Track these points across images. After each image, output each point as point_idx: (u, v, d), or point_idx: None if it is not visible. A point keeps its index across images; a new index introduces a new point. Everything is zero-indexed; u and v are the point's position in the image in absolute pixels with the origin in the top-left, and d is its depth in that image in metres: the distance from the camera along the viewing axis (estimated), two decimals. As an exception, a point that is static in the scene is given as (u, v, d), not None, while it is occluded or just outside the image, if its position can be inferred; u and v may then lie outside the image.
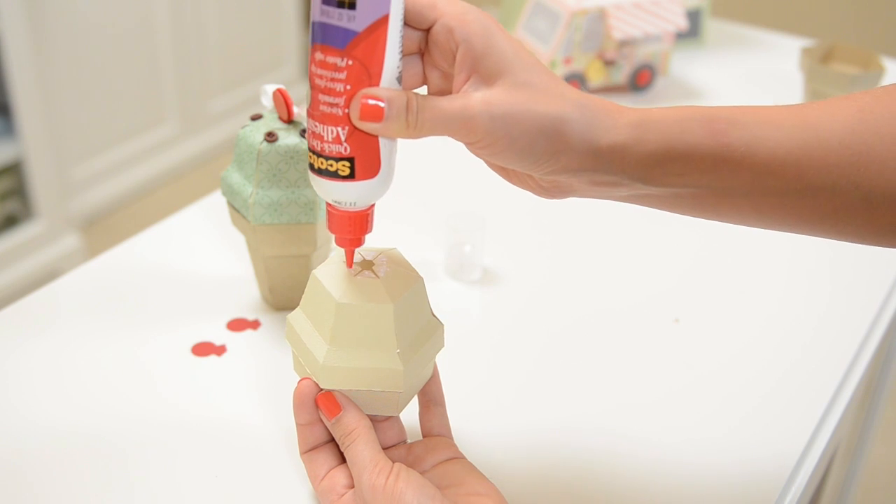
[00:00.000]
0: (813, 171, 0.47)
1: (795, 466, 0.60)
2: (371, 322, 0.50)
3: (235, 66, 2.52)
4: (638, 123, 0.47)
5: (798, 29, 1.86)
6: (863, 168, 0.47)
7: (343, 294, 0.50)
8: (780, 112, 0.49)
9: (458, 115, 0.45)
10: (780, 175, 0.47)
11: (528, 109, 0.45)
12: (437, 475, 0.52)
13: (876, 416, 1.09)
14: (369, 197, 0.49)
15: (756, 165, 0.47)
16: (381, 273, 0.51)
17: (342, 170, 0.48)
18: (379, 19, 0.46)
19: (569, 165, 0.47)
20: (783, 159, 0.47)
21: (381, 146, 0.48)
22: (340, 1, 0.45)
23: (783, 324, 0.73)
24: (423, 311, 0.53)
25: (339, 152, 0.47)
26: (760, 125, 0.48)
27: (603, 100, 0.48)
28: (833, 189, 0.47)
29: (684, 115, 0.48)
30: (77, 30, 2.06)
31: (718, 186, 0.48)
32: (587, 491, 0.57)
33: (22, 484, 0.56)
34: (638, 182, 0.48)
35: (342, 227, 0.50)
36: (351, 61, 0.46)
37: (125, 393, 0.63)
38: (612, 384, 0.66)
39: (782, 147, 0.47)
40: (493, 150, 0.46)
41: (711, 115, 0.48)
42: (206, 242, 0.79)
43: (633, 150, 0.47)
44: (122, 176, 2.29)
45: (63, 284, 0.74)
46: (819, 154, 0.47)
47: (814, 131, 0.47)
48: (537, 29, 1.05)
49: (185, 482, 0.56)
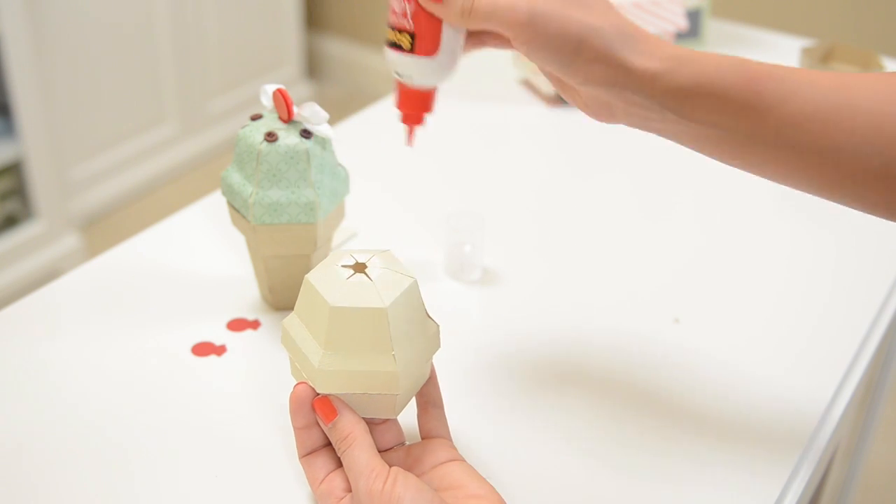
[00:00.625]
0: (838, 131, 0.49)
1: (796, 466, 0.60)
2: (365, 324, 0.50)
3: (235, 66, 2.52)
4: (674, 56, 0.50)
5: (798, 29, 1.86)
6: (887, 136, 0.48)
7: (336, 297, 0.50)
8: (822, 74, 0.50)
9: (505, 8, 0.50)
10: (805, 129, 0.49)
11: (565, 14, 0.50)
12: (436, 477, 0.52)
13: (876, 416, 1.09)
14: (426, 75, 0.55)
15: (784, 116, 0.49)
16: (373, 275, 0.51)
17: (404, 42, 0.54)
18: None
19: (598, 77, 0.51)
20: (811, 115, 0.49)
21: (444, 31, 0.54)
22: None
23: (783, 324, 0.73)
24: (418, 311, 0.53)
25: (403, 26, 0.54)
26: (797, 82, 0.50)
27: (648, 32, 0.51)
28: (855, 152, 0.49)
29: (724, 60, 0.50)
30: (77, 30, 2.06)
31: (745, 131, 0.50)
32: (588, 492, 0.57)
33: (22, 484, 0.56)
34: (668, 112, 0.51)
35: (405, 101, 0.57)
36: None
37: (125, 393, 0.63)
38: (613, 384, 0.66)
39: (811, 103, 0.49)
40: (531, 46, 0.51)
41: (750, 66, 0.50)
42: (206, 242, 0.79)
43: (664, 78, 0.50)
44: (122, 176, 2.29)
45: (63, 284, 0.74)
46: (847, 115, 0.49)
47: (847, 95, 0.49)
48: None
49: (185, 482, 0.56)
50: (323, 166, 0.65)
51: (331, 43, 2.92)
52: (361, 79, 2.89)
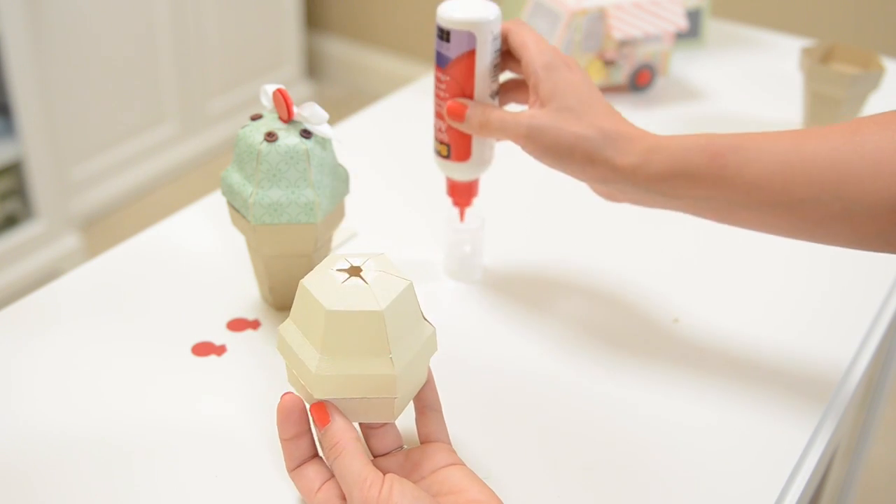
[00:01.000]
0: (797, 185, 0.56)
1: (795, 467, 0.60)
2: (362, 328, 0.49)
3: (235, 66, 2.52)
4: (649, 148, 0.60)
5: (798, 29, 1.86)
6: (843, 183, 0.55)
7: (332, 301, 0.50)
8: (779, 136, 0.58)
9: (512, 124, 0.63)
10: (769, 189, 0.57)
11: (556, 126, 0.62)
12: (436, 482, 0.52)
13: (876, 416, 1.09)
14: (465, 174, 0.70)
15: (749, 182, 0.57)
16: (369, 278, 0.51)
17: (444, 151, 0.69)
18: (467, 52, 0.65)
19: (593, 175, 0.62)
20: (771, 176, 0.57)
21: (473, 141, 0.68)
22: (441, 34, 0.65)
23: (783, 324, 0.73)
24: (414, 314, 0.53)
25: (442, 139, 0.69)
26: (756, 150, 0.57)
27: (630, 128, 0.62)
28: (817, 201, 0.56)
29: (690, 142, 0.59)
30: (77, 30, 2.06)
31: (720, 198, 0.59)
32: (588, 491, 0.57)
33: (22, 484, 0.56)
34: (655, 194, 0.60)
35: (453, 191, 0.72)
36: (448, 77, 0.66)
37: (125, 393, 0.63)
38: (613, 384, 0.66)
39: (770, 167, 0.57)
40: (535, 154, 0.64)
41: (714, 143, 0.59)
42: (206, 242, 0.79)
43: (643, 170, 0.60)
44: (122, 176, 2.29)
45: (63, 284, 0.74)
46: (803, 171, 0.56)
47: (801, 153, 0.56)
48: (537, 29, 1.05)
49: (185, 482, 0.56)
50: (323, 166, 0.65)
51: (331, 43, 2.92)
52: (361, 79, 2.89)
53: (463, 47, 0.64)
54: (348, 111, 1.14)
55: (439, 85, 0.67)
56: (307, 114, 0.64)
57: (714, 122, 1.03)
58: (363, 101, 2.59)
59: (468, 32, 0.64)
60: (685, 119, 1.03)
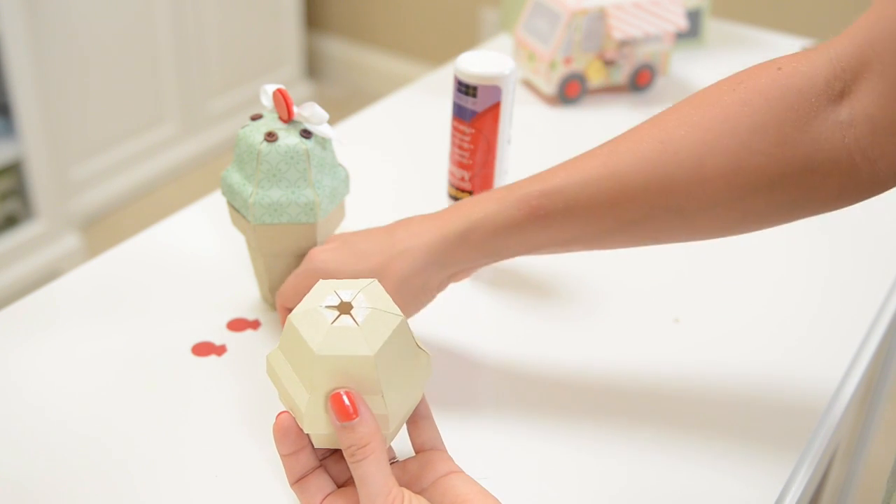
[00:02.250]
0: (625, 209, 0.55)
1: (796, 466, 0.60)
2: (352, 372, 0.47)
3: (235, 66, 2.52)
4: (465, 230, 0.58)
5: (798, 29, 1.86)
6: (668, 194, 0.54)
7: (321, 346, 0.47)
8: (586, 165, 0.56)
9: None
10: (599, 220, 0.56)
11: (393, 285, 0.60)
12: (438, 493, 0.50)
13: (876, 416, 1.09)
14: None
15: (577, 219, 0.56)
16: (360, 318, 0.48)
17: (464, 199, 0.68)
18: (493, 105, 0.69)
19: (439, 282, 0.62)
20: (597, 209, 0.55)
21: (495, 186, 0.72)
22: (466, 90, 0.69)
23: (783, 324, 0.73)
24: (408, 348, 0.50)
25: (462, 187, 0.74)
26: (569, 187, 0.56)
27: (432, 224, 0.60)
28: (650, 216, 0.55)
29: (503, 203, 0.57)
30: (77, 30, 2.06)
31: (555, 240, 0.57)
32: (588, 491, 0.57)
33: (22, 483, 0.56)
34: (493, 257, 0.59)
35: None
36: (474, 130, 0.70)
37: (125, 393, 0.63)
38: (613, 384, 0.66)
39: (593, 200, 0.55)
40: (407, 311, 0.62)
41: (526, 194, 0.57)
42: (206, 242, 0.79)
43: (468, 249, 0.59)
44: (122, 176, 2.29)
45: (63, 284, 0.74)
46: (627, 196, 0.54)
47: (618, 178, 0.55)
48: (537, 29, 1.05)
49: (185, 482, 0.56)
50: (323, 166, 0.65)
51: (331, 43, 2.92)
52: (361, 79, 2.89)
53: (489, 101, 0.69)
54: (348, 111, 1.14)
55: (462, 137, 0.71)
56: (307, 114, 0.64)
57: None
58: (363, 101, 2.59)
59: (495, 87, 0.68)
60: (685, 119, 1.03)
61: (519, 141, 0.94)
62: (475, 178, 0.72)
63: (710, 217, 0.54)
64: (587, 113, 1.04)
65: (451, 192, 0.75)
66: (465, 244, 0.59)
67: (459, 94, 0.69)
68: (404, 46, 2.78)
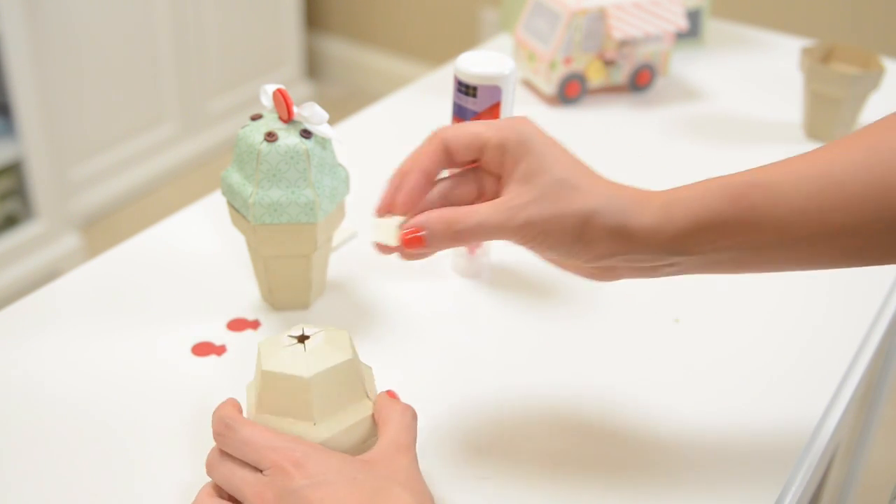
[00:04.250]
0: (835, 213, 0.50)
1: (795, 466, 0.60)
2: (290, 392, 0.51)
3: (235, 66, 2.52)
4: (664, 204, 0.51)
5: (798, 29, 1.86)
6: (881, 200, 0.49)
7: (268, 362, 0.52)
8: (796, 164, 0.52)
9: (496, 222, 0.50)
10: (804, 224, 0.50)
11: (558, 210, 0.50)
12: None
13: (876, 416, 1.09)
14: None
15: (780, 220, 0.50)
16: (309, 347, 0.53)
17: None
18: (493, 105, 0.68)
19: (604, 252, 0.51)
20: (804, 209, 0.50)
21: None
22: (466, 90, 0.68)
23: (783, 324, 0.73)
24: (352, 389, 0.53)
25: None
26: (779, 182, 0.51)
27: (633, 188, 0.53)
28: (856, 225, 0.50)
29: (706, 189, 0.51)
30: (77, 30, 2.06)
31: (750, 244, 0.51)
32: (587, 490, 0.57)
33: (22, 484, 0.56)
34: (675, 255, 0.52)
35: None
36: None
37: (125, 393, 0.63)
38: (613, 384, 0.66)
39: (801, 198, 0.50)
40: (534, 247, 0.52)
41: (731, 183, 0.51)
42: (206, 242, 0.79)
43: (663, 230, 0.51)
44: (122, 176, 2.29)
45: (63, 284, 0.74)
46: (838, 196, 0.50)
47: (829, 177, 0.50)
48: (537, 29, 1.05)
49: (184, 482, 0.56)
50: (323, 166, 0.65)
51: (331, 43, 2.92)
52: (361, 79, 2.89)
53: (489, 101, 0.68)
54: (348, 111, 1.14)
55: None
56: (307, 114, 0.64)
57: (714, 121, 1.03)
58: (363, 101, 2.59)
59: (495, 87, 0.68)
60: (685, 119, 1.03)
61: (519, 141, 0.94)
62: None
63: None
64: (587, 113, 1.04)
65: None
66: (665, 222, 0.51)
67: (459, 94, 0.69)
68: (404, 46, 2.78)
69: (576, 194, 0.51)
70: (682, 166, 0.94)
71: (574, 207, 0.50)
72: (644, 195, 0.52)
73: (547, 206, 0.50)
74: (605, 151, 0.98)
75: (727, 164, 0.55)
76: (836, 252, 0.52)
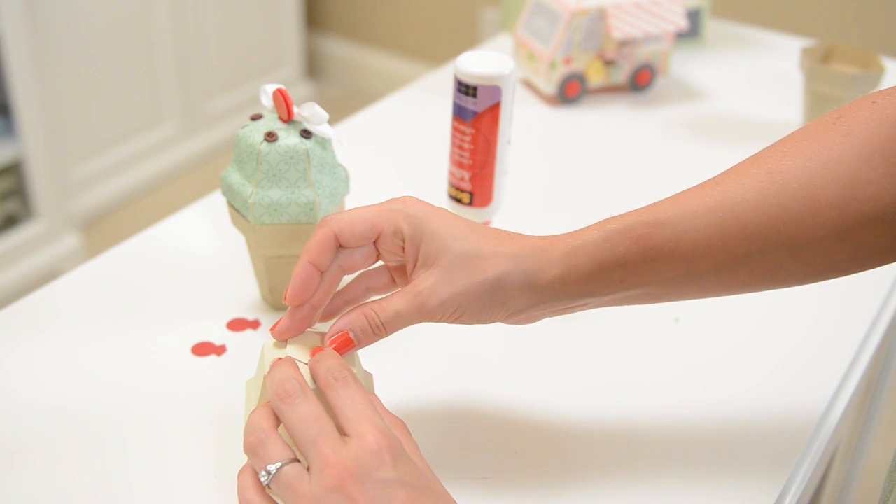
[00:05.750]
0: (737, 243, 0.51)
1: (796, 466, 0.60)
2: None
3: (235, 66, 2.52)
4: (568, 253, 0.53)
5: (798, 29, 1.86)
6: (782, 227, 0.51)
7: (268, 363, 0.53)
8: (696, 197, 0.53)
9: (412, 311, 0.52)
10: (708, 257, 0.52)
11: (466, 283, 0.52)
12: None
13: (876, 416, 1.09)
14: (482, 216, 0.74)
15: (685, 255, 0.52)
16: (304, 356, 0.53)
17: (464, 199, 0.74)
18: (493, 105, 0.69)
19: (519, 306, 0.53)
20: (707, 243, 0.52)
21: (495, 186, 0.73)
22: (466, 90, 0.69)
23: (783, 324, 0.73)
24: None
25: (462, 187, 0.73)
26: (679, 218, 0.52)
27: (534, 239, 0.54)
28: (761, 252, 0.52)
29: (608, 232, 0.53)
30: (77, 30, 2.06)
31: (658, 280, 0.53)
32: (586, 489, 0.57)
33: (21, 484, 0.56)
34: (586, 297, 0.54)
35: None
36: (474, 130, 0.70)
37: (125, 393, 0.63)
38: (613, 384, 0.66)
39: (703, 233, 0.52)
40: (454, 321, 0.53)
41: (632, 224, 0.52)
42: (206, 242, 0.79)
43: (570, 278, 0.52)
44: (122, 176, 2.29)
45: (63, 284, 0.74)
46: (738, 228, 0.51)
47: (728, 209, 0.52)
48: (537, 29, 1.05)
49: (184, 482, 0.56)
50: (323, 166, 0.65)
51: (331, 43, 2.92)
52: (361, 79, 2.89)
53: (489, 101, 0.68)
54: (348, 111, 1.14)
55: (462, 137, 0.71)
56: (307, 114, 0.64)
57: (714, 121, 1.03)
58: (363, 101, 2.59)
59: (495, 87, 0.68)
60: (685, 119, 1.04)
61: (519, 141, 0.95)
62: (475, 179, 0.72)
63: (821, 251, 0.52)
64: (587, 113, 1.04)
65: (451, 193, 0.75)
66: (571, 271, 0.52)
67: (459, 94, 0.69)
68: (404, 46, 2.78)
69: (480, 263, 0.52)
70: (682, 166, 0.94)
71: (481, 277, 0.52)
72: (546, 244, 0.53)
73: (455, 283, 0.51)
74: (605, 151, 0.98)
75: (727, 164, 0.55)
76: (742, 279, 0.53)
